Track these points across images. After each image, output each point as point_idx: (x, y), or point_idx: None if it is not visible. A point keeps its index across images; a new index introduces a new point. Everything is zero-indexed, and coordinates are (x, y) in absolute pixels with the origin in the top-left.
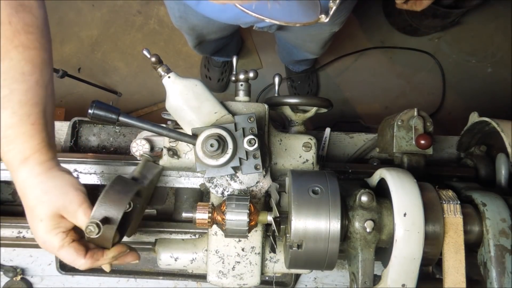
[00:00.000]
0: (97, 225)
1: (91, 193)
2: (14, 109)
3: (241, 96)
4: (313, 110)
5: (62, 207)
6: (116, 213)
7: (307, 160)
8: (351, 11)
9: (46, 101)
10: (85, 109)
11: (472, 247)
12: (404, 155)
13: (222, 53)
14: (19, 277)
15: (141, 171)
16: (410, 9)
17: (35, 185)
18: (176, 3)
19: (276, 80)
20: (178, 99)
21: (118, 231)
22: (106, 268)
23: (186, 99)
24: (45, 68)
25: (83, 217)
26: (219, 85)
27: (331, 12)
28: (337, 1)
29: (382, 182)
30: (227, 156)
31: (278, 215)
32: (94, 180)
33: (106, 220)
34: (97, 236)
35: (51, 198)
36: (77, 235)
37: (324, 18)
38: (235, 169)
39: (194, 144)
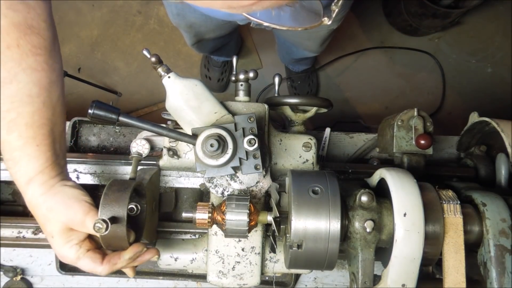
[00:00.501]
0: (104, 220)
1: (91, 193)
2: (20, 132)
3: (241, 96)
4: (313, 110)
5: (68, 220)
6: (120, 210)
7: (307, 160)
8: (349, 8)
9: (54, 121)
10: (85, 109)
11: (472, 247)
12: (404, 155)
13: (221, 53)
14: (19, 277)
15: (135, 171)
16: None
17: (40, 204)
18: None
19: (276, 80)
20: (178, 99)
21: (131, 230)
22: (130, 273)
23: (186, 99)
24: (52, 89)
25: (91, 224)
26: (219, 85)
27: (333, 15)
28: (340, 3)
29: (382, 182)
30: (227, 156)
31: (278, 215)
32: (94, 180)
33: (112, 219)
34: (106, 232)
35: (56, 215)
36: (93, 244)
37: (327, 21)
38: (235, 169)
39: (194, 144)
